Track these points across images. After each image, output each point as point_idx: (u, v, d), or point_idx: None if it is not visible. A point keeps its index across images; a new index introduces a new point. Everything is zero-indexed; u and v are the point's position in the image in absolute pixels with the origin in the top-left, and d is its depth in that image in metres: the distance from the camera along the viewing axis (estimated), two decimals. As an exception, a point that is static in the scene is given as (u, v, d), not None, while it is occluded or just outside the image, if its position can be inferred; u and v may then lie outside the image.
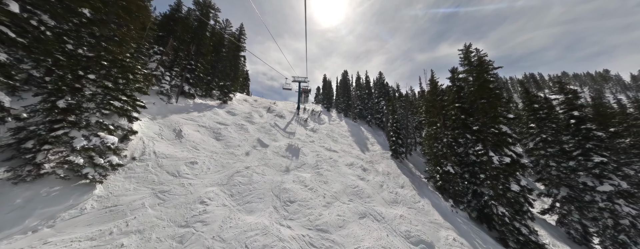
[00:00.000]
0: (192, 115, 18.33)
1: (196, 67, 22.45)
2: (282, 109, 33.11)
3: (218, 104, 25.45)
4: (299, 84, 37.77)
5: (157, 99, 17.18)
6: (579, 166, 18.87)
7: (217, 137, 16.53)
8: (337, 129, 31.15)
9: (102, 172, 8.90)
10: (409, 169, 23.15)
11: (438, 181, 17.18)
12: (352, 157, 21.35)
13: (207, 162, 12.72)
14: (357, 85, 48.44)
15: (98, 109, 9.36)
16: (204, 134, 16.19)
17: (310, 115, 34.68)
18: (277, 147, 18.21)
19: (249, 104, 32.68)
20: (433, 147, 18.01)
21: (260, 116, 26.45)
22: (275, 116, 28.71)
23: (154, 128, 13.96)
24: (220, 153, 14.37)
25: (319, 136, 25.37)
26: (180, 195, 9.67)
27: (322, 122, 33.67)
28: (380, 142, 30.56)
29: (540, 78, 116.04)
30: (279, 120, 26.92)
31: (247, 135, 18.80)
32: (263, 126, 22.50)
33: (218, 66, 29.49)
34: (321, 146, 21.98)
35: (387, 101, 38.70)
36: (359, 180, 16.36)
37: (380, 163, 21.81)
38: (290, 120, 28.69)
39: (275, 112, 30.59)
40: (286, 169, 14.82)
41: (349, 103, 47.32)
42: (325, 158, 18.64)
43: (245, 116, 24.02)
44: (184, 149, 13.27)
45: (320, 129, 28.98)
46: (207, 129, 17.20)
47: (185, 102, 20.66)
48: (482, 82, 16.48)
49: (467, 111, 17.65)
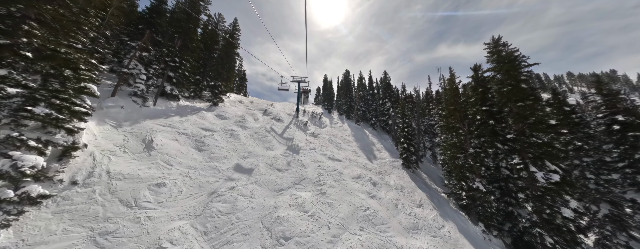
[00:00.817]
0: (171, 120, 15.60)
1: (181, 64, 19.74)
2: (279, 111, 30.41)
3: (207, 106, 22.73)
4: (298, 84, 35.09)
5: (128, 102, 14.47)
6: (625, 180, 16.18)
7: (200, 147, 13.80)
8: (339, 134, 28.43)
9: (12, 210, 6.18)
10: (422, 180, 20.42)
11: (462, 198, 14.47)
12: (359, 167, 18.63)
13: (180, 183, 9.99)
14: (359, 85, 45.75)
15: (13, 118, 6.63)
16: (183, 144, 13.46)
17: (310, 118, 31.97)
18: (272, 157, 15.49)
19: (244, 106, 29.95)
20: (455, 158, 15.31)
21: (255, 120, 23.74)
22: (272, 119, 26.00)
23: (116, 139, 11.23)
24: (199, 169, 11.64)
25: (321, 142, 22.66)
26: (131, 237, 6.94)
27: (324, 125, 30.96)
28: (387, 148, 27.84)
29: (545, 78, 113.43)
30: (276, 124, 24.21)
31: (237, 143, 16.07)
32: (257, 132, 19.78)
33: (209, 64, 26.80)
34: (323, 154, 19.27)
35: (392, 103, 36.02)
36: (369, 198, 13.64)
37: (391, 174, 19.08)
38: (289, 124, 25.99)
39: (272, 114, 27.88)
40: (281, 188, 12.09)
41: (351, 105, 44.60)
42: (328, 170, 15.92)
43: (238, 119, 21.30)
44: (152, 166, 10.54)
45: (322, 133, 26.28)
46: (188, 137, 14.47)
47: (167, 105, 17.94)
48: (515, 82, 13.77)
49: (495, 115, 14.96)
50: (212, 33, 27.76)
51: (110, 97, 13.65)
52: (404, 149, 20.69)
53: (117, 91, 14.17)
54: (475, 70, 17.10)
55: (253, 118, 23.93)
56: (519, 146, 12.91)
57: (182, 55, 20.03)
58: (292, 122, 26.79)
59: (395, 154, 26.21)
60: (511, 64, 14.20)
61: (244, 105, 30.61)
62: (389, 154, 24.78)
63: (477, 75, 16.80)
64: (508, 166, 13.36)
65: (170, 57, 19.09)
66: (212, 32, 27.55)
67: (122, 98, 14.34)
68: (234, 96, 37.23)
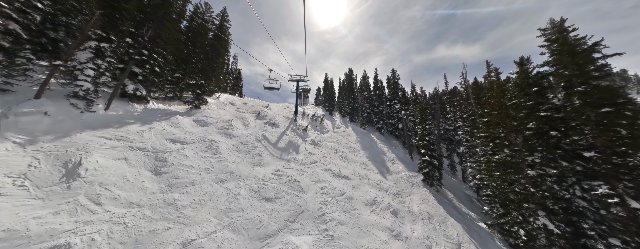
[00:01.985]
0: (126, 130, 11.78)
1: (151, 58, 15.93)
2: (275, 114, 26.62)
3: (186, 109, 18.92)
4: (296, 83, 31.30)
5: (63, 106, 10.65)
6: None
7: (158, 169, 9.98)
8: (344, 140, 24.65)
9: None
10: (450, 201, 16.62)
11: (517, 236, 10.67)
12: (372, 186, 14.84)
13: (101, 240, 6.18)
14: (363, 85, 41.97)
15: None
16: (133, 165, 9.64)
17: (310, 121, 28.20)
18: (260, 179, 11.69)
19: (234, 108, 26.16)
20: (506, 180, 11.48)
21: (245, 125, 19.94)
22: (266, 124, 22.21)
23: (16, 164, 7.41)
24: (146, 207, 7.83)
25: (323, 152, 18.87)
26: None
27: (325, 130, 27.18)
28: (400, 157, 24.06)
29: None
30: (269, 130, 20.41)
31: (215, 159, 12.26)
32: (245, 141, 15.98)
33: (193, 60, 22.99)
34: (326, 170, 15.50)
35: (402, 104, 32.20)
36: (392, 239, 9.86)
37: (412, 195, 15.29)
38: (285, 129, 22.19)
39: (266, 118, 24.09)
40: (268, 233, 8.29)
41: (355, 106, 40.80)
42: (334, 195, 12.13)
43: (223, 126, 17.49)
44: (64, 208, 6.73)
45: (324, 140, 22.50)
46: (144, 153, 10.65)
47: (127, 109, 14.12)
48: (591, 79, 9.99)
49: (558, 123, 11.19)
50: (198, 25, 23.97)
51: (32, 100, 9.83)
52: (425, 162, 16.92)
53: (43, 91, 10.32)
54: (522, 64, 13.30)
55: (242, 123, 20.12)
56: (605, 168, 9.13)
57: (152, 47, 16.21)
58: (289, 128, 23.00)
59: (410, 165, 22.41)
60: (585, 54, 10.41)
61: (234, 107, 26.80)
62: (403, 166, 20.97)
63: (525, 70, 13.00)
64: (586, 195, 9.60)
65: (137, 48, 15.28)
66: (200, 25, 23.76)
67: (54, 101, 10.51)
68: (226, 97, 33.44)
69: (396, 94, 33.03)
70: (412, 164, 23.58)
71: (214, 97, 28.35)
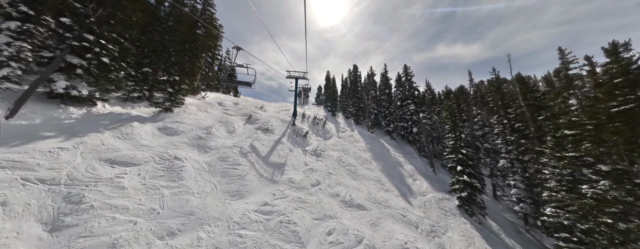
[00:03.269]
0: (32, 149, 7.76)
1: (100, 45, 11.87)
2: (270, 116, 22.60)
3: (153, 113, 14.90)
4: (295, 81, 27.25)
5: None
6: None
7: (58, 220, 5.96)
8: (351, 148, 20.63)
9: None
10: (498, 238, 12.58)
11: None
12: (396, 222, 10.84)
13: None
14: (369, 83, 37.85)
15: None
16: (12, 216, 5.65)
17: (311, 125, 24.20)
18: (236, 223, 7.69)
19: (222, 109, 22.14)
20: (612, 227, 7.39)
21: (230, 132, 15.94)
22: (258, 129, 18.22)
23: None
24: None
25: (327, 167, 14.89)
26: None
27: (329, 135, 23.19)
28: (420, 169, 20.03)
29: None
30: (261, 138, 16.40)
31: (171, 192, 8.24)
32: (225, 157, 11.96)
33: (167, 50, 18.92)
34: (333, 196, 11.52)
35: (417, 105, 28.08)
36: None
37: (450, 232, 11.28)
38: (281, 136, 18.17)
39: (258, 122, 20.09)
40: None
41: (360, 107, 36.75)
42: (349, 245, 8.14)
43: (199, 134, 13.49)
44: None
45: (327, 148, 18.51)
46: (49, 189, 6.64)
47: (52, 115, 10.07)
48: None
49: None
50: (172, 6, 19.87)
51: None
52: (461, 183, 12.91)
53: None
54: (614, 51, 9.24)
55: (227, 130, 16.10)
56: None
57: (102, 32, 12.15)
58: (286, 134, 18.98)
59: (434, 181, 18.38)
60: None
61: (221, 108, 22.77)
62: (428, 184, 16.96)
63: (619, 59, 8.96)
64: None
65: (77, 31, 11.23)
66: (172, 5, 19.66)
67: None
68: (215, 96, 29.42)
69: (410, 94, 28.92)
70: (437, 179, 19.57)
71: (199, 97, 24.36)
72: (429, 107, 27.45)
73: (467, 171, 13.04)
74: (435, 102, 28.86)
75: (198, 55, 18.81)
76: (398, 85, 31.09)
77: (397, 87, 30.57)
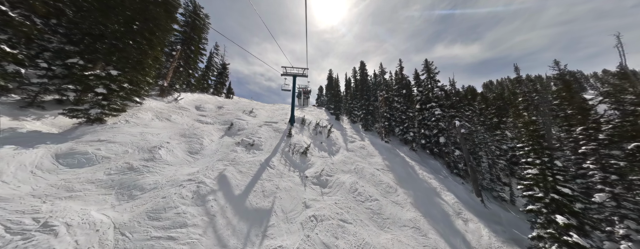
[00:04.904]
0: None
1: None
2: (260, 124, 17.38)
3: (73, 126, 9.72)
4: (293, 79, 22.11)
5: None
6: None
7: None
8: (366, 167, 15.38)
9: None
10: None
11: None
12: None
13: None
14: (380, 82, 32.61)
15: None
16: None
17: (312, 135, 18.97)
18: None
19: (197, 114, 17.01)
20: None
21: (194, 153, 10.73)
22: (239, 144, 13.04)
23: None
24: None
25: (338, 206, 9.68)
26: None
27: (335, 147, 17.98)
28: (463, 199, 14.72)
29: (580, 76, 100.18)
30: (240, 160, 11.15)
31: None
32: (159, 209, 6.73)
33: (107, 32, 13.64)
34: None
35: (446, 108, 22.63)
36: None
37: None
38: (271, 154, 12.93)
39: (242, 133, 14.96)
40: None
41: (369, 110, 31.49)
42: None
43: (131, 163, 8.28)
44: None
45: (336, 171, 13.30)
46: None
47: None
48: None
49: None
50: None
51: None
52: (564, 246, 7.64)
53: None
54: None
55: (188, 149, 10.87)
56: None
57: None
58: (278, 150, 13.75)
59: (487, 218, 13.12)
60: None
61: (197, 114, 17.57)
62: (483, 225, 11.69)
63: None
64: None
65: None
66: None
67: None
68: (194, 98, 24.23)
69: (432, 96, 23.45)
70: (490, 215, 14.31)
71: (170, 99, 19.19)
72: (459, 111, 22.27)
73: (575, 224, 7.80)
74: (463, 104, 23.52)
75: (154, 40, 13.53)
76: (416, 84, 25.88)
77: (415, 86, 25.41)
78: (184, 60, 24.74)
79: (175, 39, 24.56)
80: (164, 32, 14.67)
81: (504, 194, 18.92)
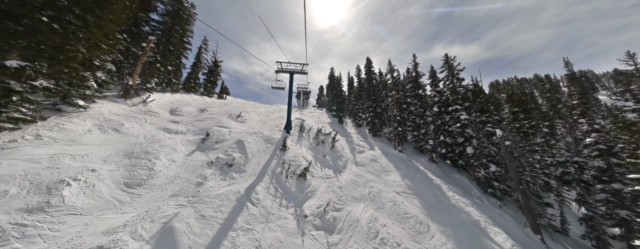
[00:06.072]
0: None
1: None
2: (248, 132, 13.70)
3: None
4: (290, 76, 18.49)
5: None
6: None
7: None
8: (383, 191, 11.71)
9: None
10: None
11: None
12: None
13: None
14: (392, 81, 28.97)
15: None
16: None
17: (313, 145, 15.32)
18: None
19: (165, 121, 13.37)
20: None
21: (134, 186, 7.06)
22: (212, 163, 9.41)
23: None
24: None
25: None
26: None
27: (342, 162, 14.35)
28: (517, 237, 11.10)
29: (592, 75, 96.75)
30: (206, 194, 7.48)
31: None
32: None
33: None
34: None
35: (473, 112, 18.89)
36: None
37: None
38: (256, 180, 9.25)
39: (221, 146, 11.35)
40: None
41: (377, 112, 27.84)
42: None
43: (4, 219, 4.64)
44: None
45: (345, 200, 9.69)
46: None
47: None
48: None
49: None
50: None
51: None
52: None
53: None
54: None
55: (127, 179, 7.21)
56: None
57: None
58: (267, 171, 10.06)
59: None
60: None
61: (165, 120, 13.89)
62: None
63: None
64: None
65: None
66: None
67: None
68: (172, 98, 20.56)
69: (458, 96, 19.51)
70: None
71: (134, 102, 15.50)
72: (490, 117, 18.53)
73: None
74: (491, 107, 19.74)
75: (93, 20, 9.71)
76: (433, 83, 22.18)
77: (432, 86, 21.77)
78: (162, 55, 21.07)
79: (151, 29, 20.90)
80: (112, 11, 10.92)
81: (554, 221, 15.20)
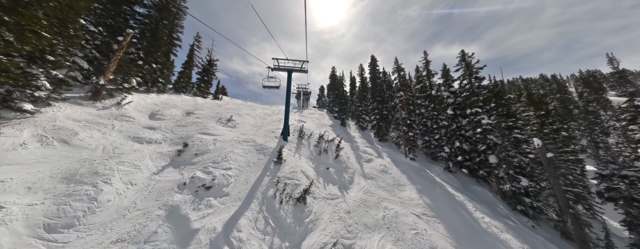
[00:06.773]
0: None
1: None
2: (239, 139, 11.50)
3: None
4: (288, 74, 16.33)
5: None
6: None
7: None
8: (401, 212, 9.54)
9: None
10: None
11: None
12: None
13: None
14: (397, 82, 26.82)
15: None
16: None
17: (314, 154, 13.13)
18: None
19: (139, 127, 11.12)
20: None
21: (61, 230, 4.88)
22: (183, 186, 7.22)
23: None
24: None
25: None
26: None
27: (348, 175, 12.17)
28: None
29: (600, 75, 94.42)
30: (172, 236, 5.33)
31: None
32: None
33: None
34: None
35: (495, 116, 16.61)
36: None
37: None
38: (240, 209, 7.09)
39: (202, 158, 9.12)
40: None
41: (383, 115, 25.65)
42: None
43: None
44: None
45: (356, 230, 7.52)
46: None
47: None
48: None
49: None
50: None
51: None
52: None
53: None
54: None
55: (41, 222, 5.03)
56: None
57: None
58: (256, 196, 7.86)
59: None
60: None
61: (142, 125, 11.67)
62: None
63: None
64: None
65: None
66: None
67: None
68: (158, 99, 18.39)
69: (481, 97, 17.14)
70: None
71: (106, 104, 13.28)
72: (517, 122, 16.33)
73: None
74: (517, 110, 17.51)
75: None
76: (446, 84, 19.96)
77: (445, 86, 19.58)
78: (145, 52, 18.89)
79: (133, 22, 18.72)
80: None
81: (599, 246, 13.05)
